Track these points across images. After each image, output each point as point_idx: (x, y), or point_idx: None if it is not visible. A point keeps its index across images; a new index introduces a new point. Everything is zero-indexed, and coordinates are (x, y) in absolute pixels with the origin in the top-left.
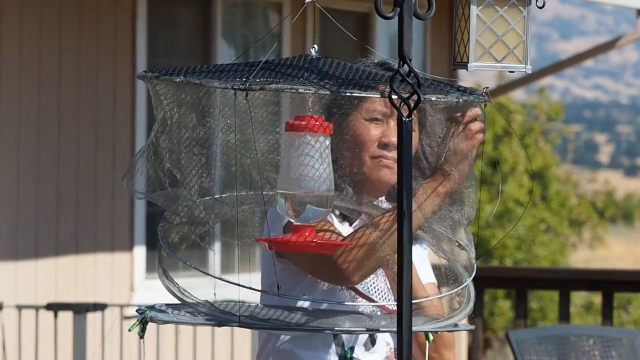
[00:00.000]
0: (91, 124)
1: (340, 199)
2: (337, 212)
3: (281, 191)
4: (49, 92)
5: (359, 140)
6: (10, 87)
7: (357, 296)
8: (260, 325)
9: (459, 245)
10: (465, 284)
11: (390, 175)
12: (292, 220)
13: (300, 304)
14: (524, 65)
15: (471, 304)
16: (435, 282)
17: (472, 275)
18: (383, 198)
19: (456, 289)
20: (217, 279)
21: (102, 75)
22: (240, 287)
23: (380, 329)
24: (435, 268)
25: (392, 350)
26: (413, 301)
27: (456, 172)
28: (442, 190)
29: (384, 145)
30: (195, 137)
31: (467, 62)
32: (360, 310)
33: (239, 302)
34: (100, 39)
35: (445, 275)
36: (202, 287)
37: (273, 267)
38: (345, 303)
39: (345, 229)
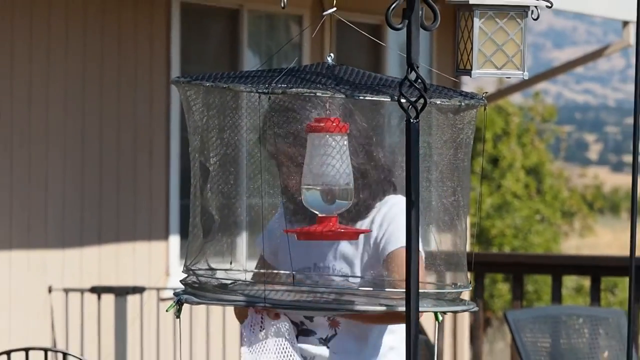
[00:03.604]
0: (130, 127)
1: None
2: None
3: (306, 186)
4: (92, 99)
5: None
6: (56, 96)
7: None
8: (282, 305)
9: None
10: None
11: None
12: (317, 212)
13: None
14: (522, 72)
15: (469, 287)
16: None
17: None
18: None
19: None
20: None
21: (139, 82)
22: (266, 273)
23: (398, 308)
24: (437, 255)
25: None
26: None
27: None
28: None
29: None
30: (223, 137)
31: (471, 70)
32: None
33: (265, 285)
34: (138, 48)
35: (447, 261)
36: (234, 274)
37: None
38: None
39: None
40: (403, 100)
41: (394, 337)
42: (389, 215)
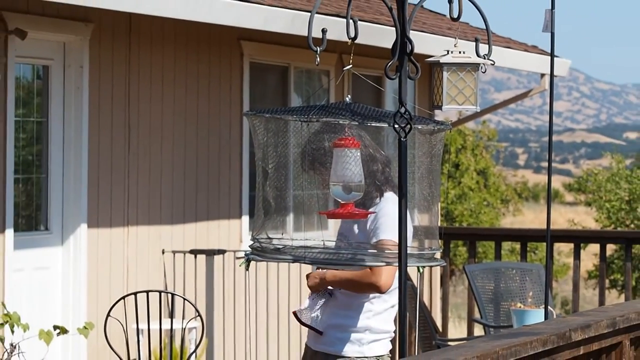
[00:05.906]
0: (216, 143)
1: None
2: None
3: (332, 183)
4: (190, 124)
5: None
6: (168, 122)
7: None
8: (318, 261)
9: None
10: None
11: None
12: (340, 200)
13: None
14: (475, 107)
15: (440, 249)
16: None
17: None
18: None
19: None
20: (294, 241)
21: (222, 113)
22: (306, 241)
23: (394, 264)
24: (418, 229)
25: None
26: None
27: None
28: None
29: None
30: (277, 151)
31: (441, 105)
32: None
33: (306, 248)
34: (221, 91)
35: (426, 232)
36: (284, 241)
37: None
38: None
39: None
40: (396, 126)
41: None
42: (379, 212)
